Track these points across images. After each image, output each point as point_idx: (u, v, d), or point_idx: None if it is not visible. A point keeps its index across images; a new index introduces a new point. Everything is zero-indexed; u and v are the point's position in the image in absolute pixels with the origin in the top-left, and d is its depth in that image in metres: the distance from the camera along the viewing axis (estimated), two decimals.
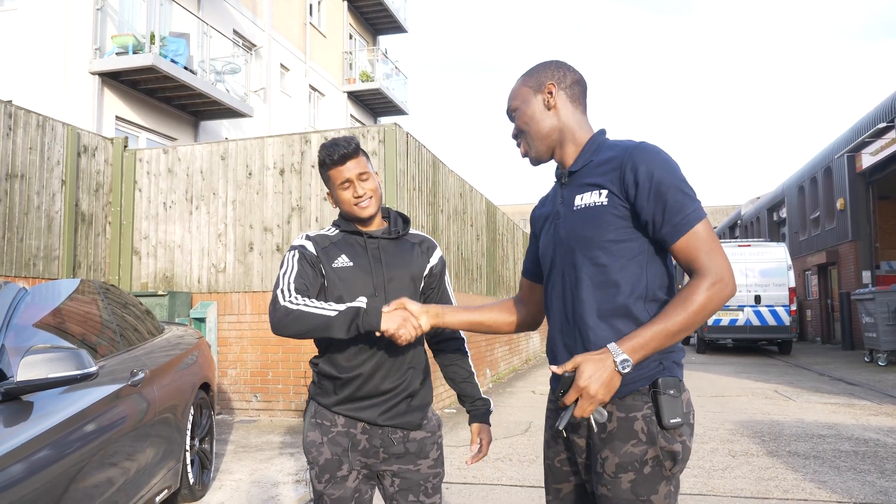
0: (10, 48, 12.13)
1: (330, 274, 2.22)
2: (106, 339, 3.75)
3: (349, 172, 2.24)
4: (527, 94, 1.94)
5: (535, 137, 1.93)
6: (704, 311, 1.65)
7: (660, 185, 1.72)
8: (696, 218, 1.71)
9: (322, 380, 2.24)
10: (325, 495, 2.19)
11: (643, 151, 1.76)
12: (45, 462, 2.52)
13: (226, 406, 7.92)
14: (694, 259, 1.70)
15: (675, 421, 1.68)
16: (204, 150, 8.40)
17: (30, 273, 7.24)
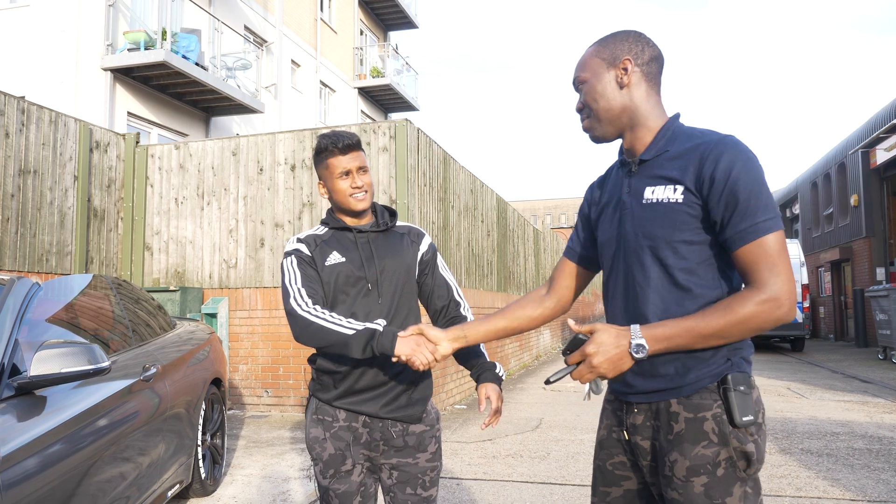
0: (23, 44, 12.19)
1: (324, 272, 2.24)
2: (118, 334, 3.76)
3: (350, 163, 2.25)
4: (598, 66, 1.76)
5: (602, 117, 1.76)
6: (746, 325, 1.55)
7: (735, 183, 1.58)
8: (766, 228, 1.57)
9: (321, 375, 2.26)
10: (331, 490, 2.22)
11: (727, 146, 1.62)
12: (58, 456, 2.53)
13: (237, 401, 7.95)
14: (753, 272, 1.58)
15: (748, 419, 1.59)
16: (215, 146, 8.41)
17: (42, 268, 7.28)
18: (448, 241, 8.64)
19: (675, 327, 1.58)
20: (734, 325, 1.54)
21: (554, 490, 4.76)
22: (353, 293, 2.23)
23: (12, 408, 2.42)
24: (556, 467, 5.36)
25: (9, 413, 2.38)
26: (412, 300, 2.35)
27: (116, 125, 11.98)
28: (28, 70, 12.03)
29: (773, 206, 1.60)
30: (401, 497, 2.24)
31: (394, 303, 2.27)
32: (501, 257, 11.94)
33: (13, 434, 2.32)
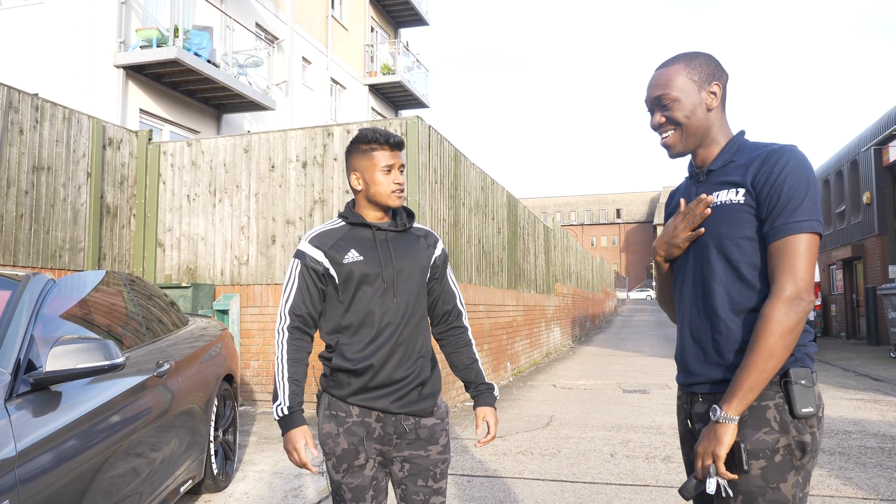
0: (37, 42, 12.27)
1: (341, 270, 2.25)
2: (131, 330, 3.78)
3: (395, 160, 2.28)
4: (689, 86, 1.88)
5: (691, 133, 1.88)
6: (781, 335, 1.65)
7: (783, 182, 1.71)
8: (798, 228, 1.69)
9: (335, 373, 2.28)
10: (344, 485, 2.24)
11: (785, 151, 1.75)
12: (73, 451, 2.55)
13: (248, 397, 7.98)
14: (774, 270, 1.71)
15: (808, 410, 1.69)
16: (227, 143, 8.44)
17: (56, 265, 7.33)
18: (459, 239, 8.65)
19: (740, 387, 1.68)
20: (772, 343, 1.65)
21: (565, 487, 4.76)
22: (370, 292, 2.25)
23: (28, 403, 2.44)
24: (567, 465, 5.36)
25: (25, 408, 2.40)
26: (424, 300, 2.37)
27: (129, 122, 12.04)
28: (41, 67, 12.10)
29: (815, 210, 1.69)
30: (412, 489, 2.27)
31: (409, 304, 2.29)
32: (512, 255, 11.94)
33: (30, 429, 2.34)
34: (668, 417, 7.40)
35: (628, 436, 6.43)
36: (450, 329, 2.44)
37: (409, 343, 2.27)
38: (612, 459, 5.53)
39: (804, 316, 1.67)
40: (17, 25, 12.51)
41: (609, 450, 5.86)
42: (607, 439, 6.28)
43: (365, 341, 2.24)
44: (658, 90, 1.90)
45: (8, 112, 6.81)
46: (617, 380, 10.79)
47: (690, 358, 1.88)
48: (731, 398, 1.68)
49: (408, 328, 2.28)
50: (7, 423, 2.26)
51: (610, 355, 15.46)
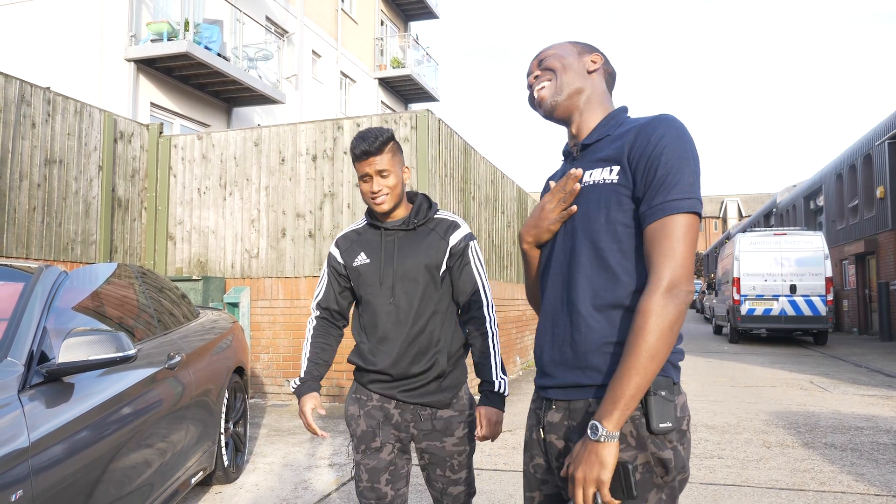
0: (48, 35, 12.32)
1: (352, 273, 2.43)
2: (143, 322, 3.80)
3: (368, 168, 2.33)
4: (570, 49, 1.80)
5: (563, 84, 1.74)
6: (661, 331, 1.45)
7: (659, 156, 1.53)
8: (679, 207, 1.50)
9: (357, 369, 2.44)
10: (361, 465, 2.36)
11: (661, 122, 1.57)
12: (85, 443, 2.56)
13: (258, 390, 8.02)
14: (650, 256, 1.51)
15: (665, 426, 1.51)
16: (237, 137, 8.46)
17: (68, 257, 7.37)
18: None
19: (614, 390, 1.47)
20: (653, 342, 1.45)
21: None
22: (374, 293, 2.37)
23: (41, 394, 2.45)
24: None
25: (38, 399, 2.41)
26: (438, 296, 2.38)
27: (140, 116, 12.08)
28: (53, 61, 12.15)
29: (694, 187, 1.52)
30: (433, 476, 2.39)
31: (415, 303, 2.33)
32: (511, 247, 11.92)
33: (43, 420, 2.35)
34: None
35: None
36: (469, 318, 2.44)
37: (420, 342, 2.32)
38: None
39: (685, 308, 1.47)
40: (29, 19, 12.56)
41: None
42: None
43: (374, 342, 2.36)
44: (541, 53, 1.83)
45: (20, 105, 6.84)
46: None
47: (546, 358, 1.69)
48: (612, 410, 1.45)
49: (417, 326, 2.32)
50: (20, 414, 2.27)
51: None
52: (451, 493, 2.37)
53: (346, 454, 5.44)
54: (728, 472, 5.00)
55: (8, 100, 6.71)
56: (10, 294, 2.88)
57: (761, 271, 16.49)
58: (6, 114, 6.68)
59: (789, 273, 16.28)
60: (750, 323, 16.69)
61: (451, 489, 2.37)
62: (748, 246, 16.77)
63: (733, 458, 5.38)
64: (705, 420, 6.93)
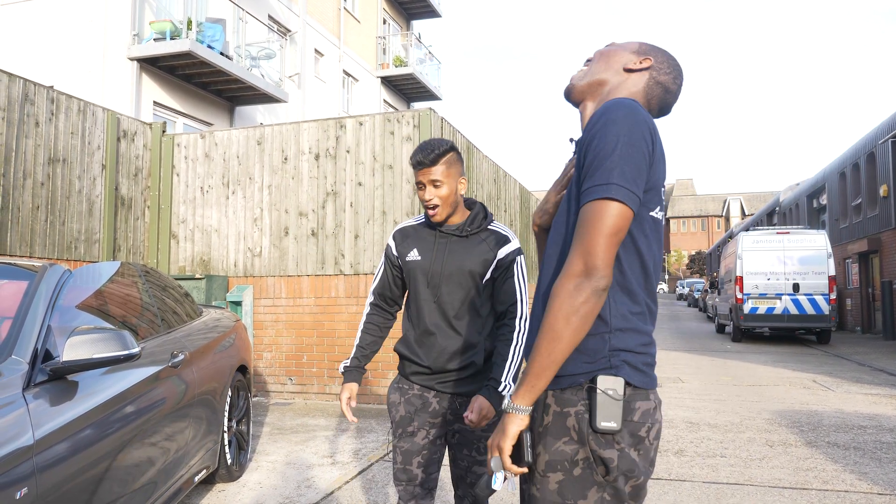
0: (51, 34, 12.34)
1: (405, 265, 2.60)
2: (146, 321, 3.80)
3: (423, 177, 2.49)
4: (630, 46, 1.78)
5: (592, 71, 1.76)
6: (574, 316, 1.45)
7: (590, 142, 1.53)
8: (595, 193, 1.48)
9: (400, 358, 2.63)
10: (397, 447, 2.55)
11: (604, 107, 1.55)
12: (89, 441, 2.57)
13: (261, 389, 8.03)
14: (572, 241, 1.52)
15: (608, 425, 1.49)
16: (240, 135, 8.47)
17: (71, 256, 7.38)
18: None
19: (526, 372, 1.51)
20: (557, 325, 1.45)
21: None
22: (421, 288, 2.55)
23: (46, 392, 2.46)
24: None
25: (42, 397, 2.42)
26: (479, 302, 2.54)
27: (143, 114, 12.09)
28: (56, 60, 12.17)
29: (613, 172, 1.47)
30: (459, 455, 2.57)
31: (455, 304, 2.52)
32: (525, 247, 11.92)
33: (47, 418, 2.36)
34: (681, 411, 7.38)
35: None
36: (500, 325, 2.58)
37: (459, 342, 2.50)
38: None
39: (594, 297, 1.45)
40: (32, 18, 12.58)
41: None
42: None
43: (420, 336, 2.54)
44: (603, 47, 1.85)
45: (24, 104, 6.86)
46: None
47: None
48: (519, 386, 1.51)
49: (456, 327, 2.51)
50: (25, 412, 2.28)
51: None
52: (475, 472, 2.56)
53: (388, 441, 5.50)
54: (731, 470, 5.00)
55: (12, 99, 6.72)
56: (15, 292, 2.89)
57: (764, 270, 16.46)
58: (10, 113, 6.69)
59: (792, 272, 16.25)
60: (753, 322, 16.66)
61: (475, 468, 2.55)
62: (751, 244, 16.74)
63: (736, 457, 5.38)
64: (708, 419, 6.93)
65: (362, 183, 7.82)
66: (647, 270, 1.60)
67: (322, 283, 7.88)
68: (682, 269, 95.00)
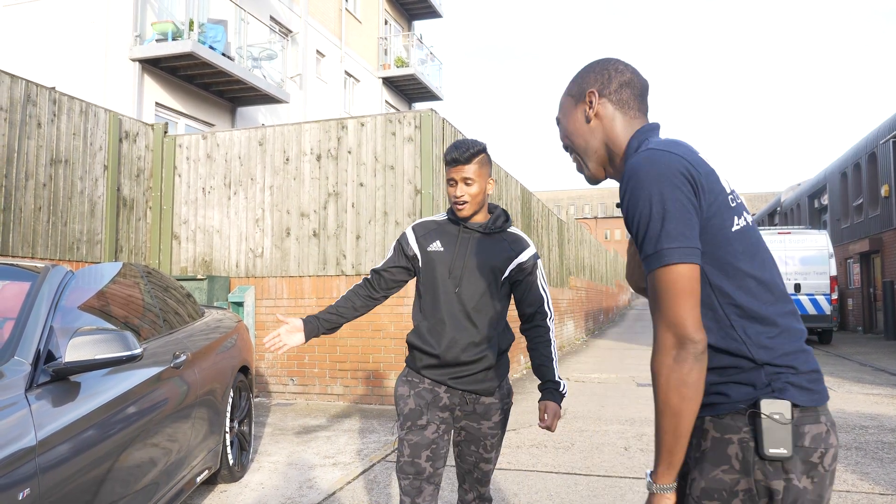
0: (54, 35, 12.35)
1: (424, 256, 2.63)
2: (148, 321, 3.81)
3: (456, 174, 2.54)
4: (568, 104, 1.72)
5: (582, 155, 1.71)
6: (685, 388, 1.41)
7: (628, 206, 1.50)
8: (649, 265, 1.46)
9: (412, 350, 2.63)
10: (405, 441, 2.53)
11: (625, 173, 1.52)
12: (91, 441, 2.58)
13: (263, 389, 8.03)
14: (651, 311, 1.49)
15: (777, 452, 1.41)
16: (242, 136, 8.48)
17: (73, 257, 7.40)
18: None
19: (658, 451, 1.47)
20: (673, 401, 1.42)
21: (578, 480, 4.76)
22: (441, 278, 2.57)
23: (48, 393, 2.47)
24: (581, 458, 5.36)
25: (45, 398, 2.43)
26: (496, 297, 2.60)
27: (145, 115, 12.11)
28: (59, 61, 12.19)
29: (661, 237, 1.44)
30: (465, 451, 2.62)
31: (475, 298, 2.56)
32: None
33: (49, 419, 2.37)
34: None
35: (642, 429, 6.42)
36: (531, 328, 2.68)
37: (474, 333, 2.54)
38: (625, 453, 5.52)
39: (697, 363, 1.40)
40: (34, 19, 12.60)
41: (623, 443, 5.85)
42: (621, 433, 6.27)
43: (433, 326, 2.56)
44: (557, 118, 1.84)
45: (26, 105, 6.87)
46: (631, 373, 10.77)
47: None
48: (656, 465, 1.46)
49: (473, 319, 2.54)
50: (27, 413, 2.29)
51: (624, 349, 15.43)
52: (481, 468, 2.62)
53: (396, 435, 5.46)
54: None
55: (14, 100, 6.74)
56: (17, 293, 2.90)
57: None
58: (12, 114, 6.71)
59: (793, 272, 16.23)
60: None
61: (481, 465, 2.62)
62: None
63: None
64: None
65: (364, 184, 7.83)
66: (763, 282, 1.53)
67: (324, 284, 7.89)
68: None
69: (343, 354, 7.77)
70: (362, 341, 7.67)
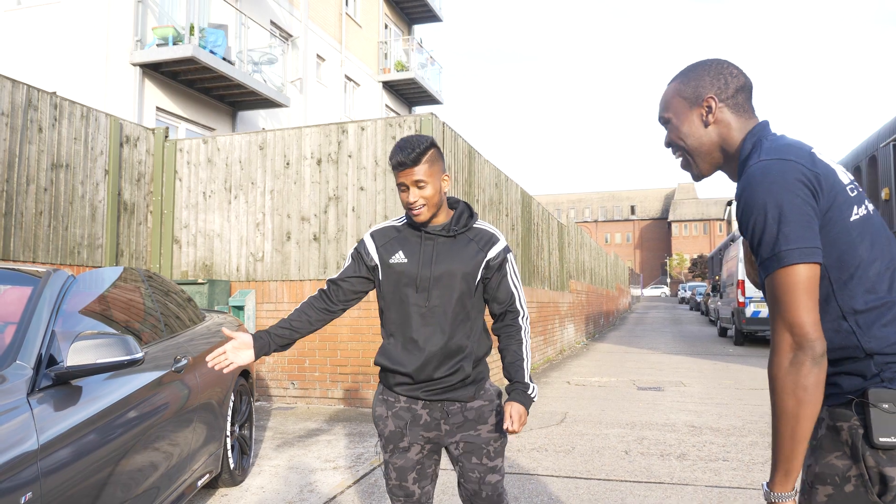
0: (54, 40, 12.38)
1: (386, 269, 2.41)
2: (149, 325, 3.82)
3: (404, 178, 2.32)
4: (680, 105, 1.74)
5: (695, 155, 1.74)
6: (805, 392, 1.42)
7: (742, 212, 1.54)
8: (766, 268, 1.49)
9: (383, 371, 2.47)
10: (390, 464, 2.44)
11: (743, 180, 1.56)
12: (93, 445, 2.58)
13: (263, 393, 8.04)
14: (769, 314, 1.51)
15: (889, 440, 1.43)
16: (242, 141, 8.49)
17: (74, 261, 7.41)
18: None
19: (776, 459, 1.49)
20: (791, 406, 1.44)
21: (579, 484, 4.76)
22: (409, 293, 2.37)
23: (50, 397, 2.47)
24: (581, 461, 5.36)
25: (47, 402, 2.44)
26: (470, 304, 2.41)
27: (145, 120, 12.13)
28: (60, 66, 12.21)
29: (779, 241, 1.46)
30: (468, 466, 2.40)
31: (446, 308, 2.36)
32: (526, 251, 11.93)
33: (51, 423, 2.37)
34: (683, 415, 7.38)
35: (643, 433, 6.42)
36: (503, 327, 2.48)
37: (448, 346, 2.36)
38: (626, 456, 5.52)
39: (815, 366, 1.42)
40: (35, 24, 12.63)
41: (623, 447, 5.86)
42: (622, 436, 6.27)
43: (404, 345, 2.38)
44: (659, 111, 1.82)
45: (27, 110, 6.89)
46: (631, 377, 10.77)
47: None
48: (774, 474, 1.48)
49: (448, 332, 2.36)
50: (29, 417, 2.29)
51: (624, 352, 15.42)
52: (489, 481, 2.40)
53: (372, 452, 5.46)
54: (733, 474, 5.00)
55: (15, 105, 6.75)
56: (19, 298, 2.91)
57: None
58: (13, 119, 6.72)
59: None
60: (755, 325, 16.64)
61: (488, 477, 2.40)
62: None
63: (738, 461, 5.38)
64: (711, 423, 6.93)
65: (364, 188, 7.84)
66: (882, 270, 1.54)
67: None
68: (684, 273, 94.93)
69: (344, 358, 7.78)
70: (363, 345, 7.67)
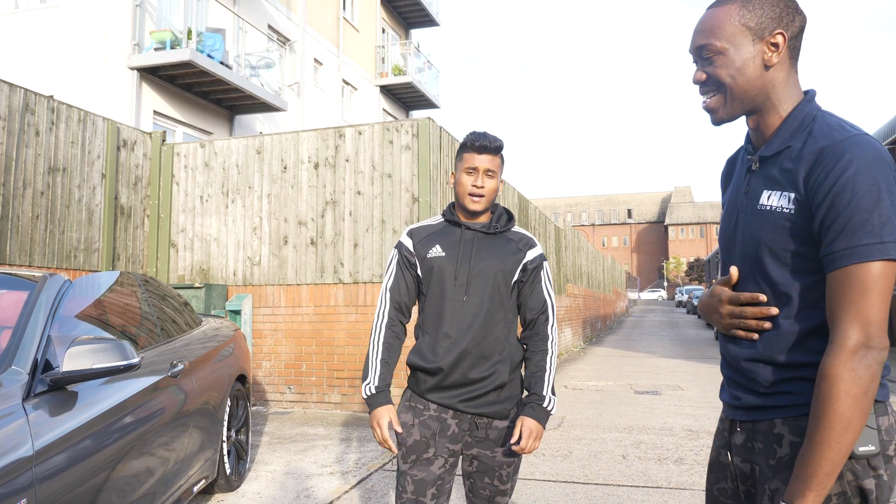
0: (52, 44, 12.37)
1: (425, 264, 2.38)
2: (146, 330, 3.81)
3: (479, 163, 2.33)
4: (741, 35, 1.45)
5: (738, 96, 1.48)
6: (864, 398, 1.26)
7: (841, 192, 1.30)
8: (865, 254, 1.27)
9: (414, 372, 2.38)
10: (409, 475, 2.30)
11: (848, 147, 1.32)
12: (89, 451, 2.57)
13: (260, 398, 8.02)
14: (833, 311, 1.31)
15: (867, 449, 1.32)
16: (240, 145, 8.49)
17: (70, 265, 7.39)
18: None
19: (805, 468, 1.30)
20: (845, 412, 1.26)
21: (576, 489, 4.76)
22: (446, 287, 2.33)
23: (45, 403, 2.46)
24: (579, 466, 5.36)
25: (42, 408, 2.43)
26: (507, 304, 2.39)
27: (143, 124, 12.12)
28: (57, 69, 12.20)
29: (886, 228, 1.28)
30: (479, 484, 2.37)
31: (484, 305, 2.32)
32: None
33: (46, 428, 2.36)
34: (681, 419, 7.37)
35: (640, 437, 6.42)
36: (531, 334, 2.42)
37: (484, 345, 2.31)
38: (623, 461, 5.52)
39: (879, 368, 1.27)
40: (33, 28, 12.62)
41: (621, 451, 5.85)
42: (619, 441, 6.27)
43: (437, 341, 2.31)
44: (702, 38, 1.49)
45: (24, 114, 6.88)
46: (628, 381, 10.77)
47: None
48: (805, 490, 1.28)
49: (483, 330, 2.31)
50: (25, 423, 2.28)
51: (621, 356, 15.42)
52: (497, 502, 2.38)
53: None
54: None
55: (12, 108, 6.74)
56: (15, 302, 2.90)
57: None
58: (10, 122, 6.71)
59: None
60: None
61: (497, 499, 2.37)
62: None
63: None
64: (708, 427, 6.93)
65: (361, 192, 7.84)
66: None
67: (321, 292, 7.89)
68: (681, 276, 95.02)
69: (340, 363, 7.77)
70: (359, 349, 7.66)
